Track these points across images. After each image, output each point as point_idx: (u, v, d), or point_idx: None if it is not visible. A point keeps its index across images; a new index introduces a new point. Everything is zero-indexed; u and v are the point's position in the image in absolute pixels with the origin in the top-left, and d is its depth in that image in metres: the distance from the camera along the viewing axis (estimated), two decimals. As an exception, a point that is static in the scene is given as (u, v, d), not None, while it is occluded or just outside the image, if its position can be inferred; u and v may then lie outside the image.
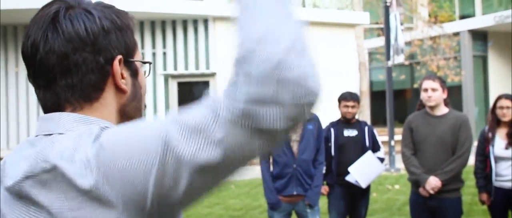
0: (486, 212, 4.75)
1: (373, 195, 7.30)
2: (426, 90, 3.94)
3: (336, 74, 12.98)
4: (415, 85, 15.79)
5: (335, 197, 4.64)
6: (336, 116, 4.83)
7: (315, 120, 4.32)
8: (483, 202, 4.45)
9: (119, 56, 0.94)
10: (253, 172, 9.97)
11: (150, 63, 1.07)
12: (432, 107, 3.97)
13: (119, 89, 0.95)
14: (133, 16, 1.03)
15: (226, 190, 8.79)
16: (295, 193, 4.17)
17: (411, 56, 17.05)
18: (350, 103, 4.62)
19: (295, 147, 4.18)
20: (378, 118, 17.60)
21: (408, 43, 15.59)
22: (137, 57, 1.00)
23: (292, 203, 4.23)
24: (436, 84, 3.93)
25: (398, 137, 6.77)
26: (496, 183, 4.31)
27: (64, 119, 0.90)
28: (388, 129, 11.13)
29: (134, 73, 0.99)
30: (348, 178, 4.48)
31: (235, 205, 7.53)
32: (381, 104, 14.78)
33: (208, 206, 7.49)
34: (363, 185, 4.48)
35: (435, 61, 15.87)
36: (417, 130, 4.01)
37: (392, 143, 10.80)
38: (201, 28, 12.30)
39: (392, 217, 6.51)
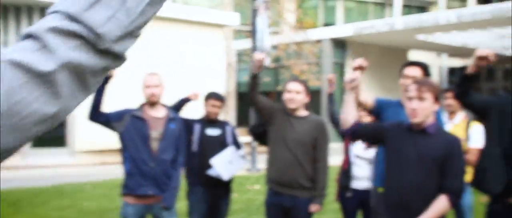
0: (338, 210, 4.94)
1: (233, 195, 7.31)
2: (290, 91, 3.97)
3: (203, 73, 12.93)
4: (279, 88, 16.32)
5: (197, 198, 4.54)
6: (200, 114, 4.74)
7: (178, 120, 4.16)
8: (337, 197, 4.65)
9: None
10: (110, 172, 9.48)
11: None
12: (292, 110, 4.00)
13: None
14: None
15: (80, 191, 8.20)
16: (150, 193, 3.93)
17: (277, 59, 17.59)
18: (217, 103, 4.62)
19: (154, 144, 3.96)
20: (243, 119, 17.88)
21: (274, 47, 16.03)
22: None
23: (147, 205, 3.99)
24: (300, 87, 3.99)
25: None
26: (352, 184, 4.51)
27: None
28: (252, 130, 11.31)
29: None
30: (210, 171, 4.45)
31: (89, 207, 7.03)
32: (246, 106, 15.02)
33: (59, 209, 6.91)
34: (225, 177, 4.47)
35: (299, 66, 16.55)
36: (277, 123, 4.00)
37: (255, 144, 10.99)
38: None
39: (251, 216, 6.56)
